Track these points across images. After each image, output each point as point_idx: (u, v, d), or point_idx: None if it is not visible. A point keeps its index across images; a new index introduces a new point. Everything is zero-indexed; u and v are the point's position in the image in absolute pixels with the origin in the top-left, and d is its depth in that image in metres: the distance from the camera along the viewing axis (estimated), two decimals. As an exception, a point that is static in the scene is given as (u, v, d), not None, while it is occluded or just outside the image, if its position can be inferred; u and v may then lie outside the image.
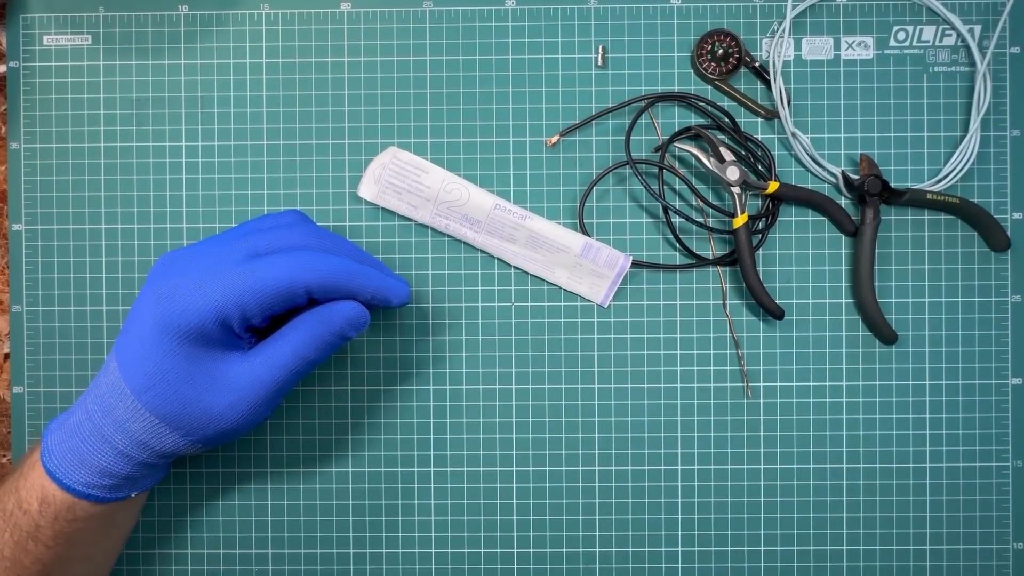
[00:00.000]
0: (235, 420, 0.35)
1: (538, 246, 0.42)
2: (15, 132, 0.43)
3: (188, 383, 0.33)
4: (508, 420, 0.43)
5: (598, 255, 0.42)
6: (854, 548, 0.42)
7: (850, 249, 0.42)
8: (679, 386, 0.43)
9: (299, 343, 0.35)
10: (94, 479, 0.34)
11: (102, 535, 0.36)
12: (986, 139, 0.42)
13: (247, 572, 0.43)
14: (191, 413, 0.34)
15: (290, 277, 0.33)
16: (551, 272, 0.42)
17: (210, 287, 0.33)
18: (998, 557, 0.42)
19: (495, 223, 0.41)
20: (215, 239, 0.36)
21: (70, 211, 0.43)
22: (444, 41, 0.43)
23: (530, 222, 0.41)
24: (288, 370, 0.35)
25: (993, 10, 0.42)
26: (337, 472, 0.43)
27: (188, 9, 0.43)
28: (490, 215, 0.41)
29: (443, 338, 0.43)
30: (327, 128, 0.43)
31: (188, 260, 0.34)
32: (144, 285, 0.35)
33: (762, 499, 0.42)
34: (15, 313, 0.43)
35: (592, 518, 0.43)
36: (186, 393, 0.33)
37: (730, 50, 0.42)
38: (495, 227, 0.41)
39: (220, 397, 0.34)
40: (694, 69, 0.42)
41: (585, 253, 0.41)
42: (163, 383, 0.33)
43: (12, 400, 0.43)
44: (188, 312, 0.33)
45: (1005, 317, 0.42)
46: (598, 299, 0.42)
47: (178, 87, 0.43)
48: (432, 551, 0.43)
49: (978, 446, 0.42)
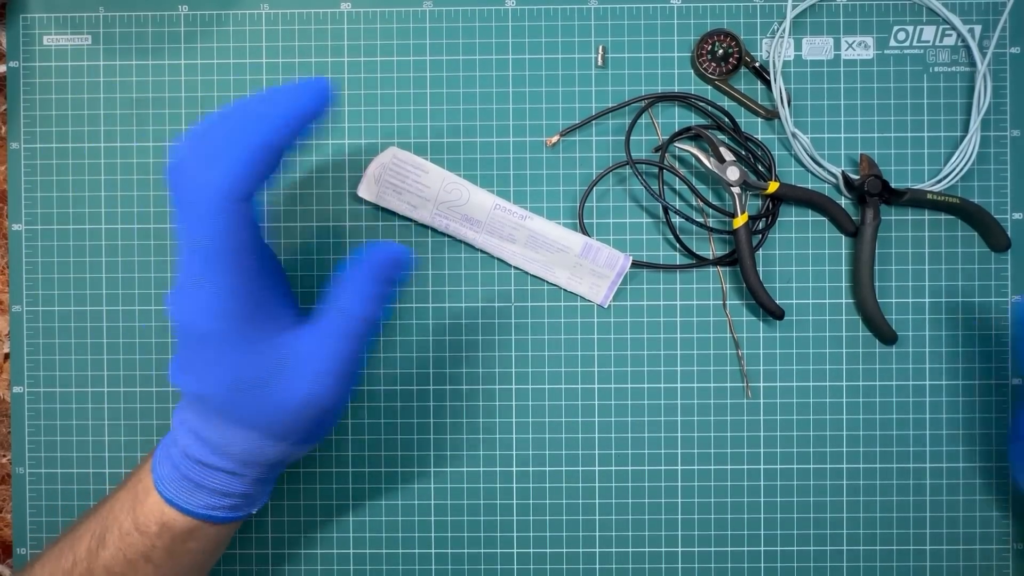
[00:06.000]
0: (319, 406, 0.32)
1: (538, 246, 0.42)
2: (15, 132, 0.43)
3: (261, 387, 0.32)
4: (508, 420, 0.43)
5: (598, 255, 0.42)
6: (854, 548, 0.42)
7: (850, 249, 0.42)
8: (679, 386, 0.43)
9: (352, 312, 0.32)
10: (214, 500, 0.33)
11: (212, 554, 0.36)
12: (986, 139, 0.42)
13: (247, 572, 0.43)
14: (272, 414, 0.32)
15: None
16: (551, 272, 0.42)
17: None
18: (998, 557, 0.42)
19: (495, 223, 0.41)
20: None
21: (70, 211, 0.43)
22: (444, 41, 0.43)
23: (530, 222, 0.41)
24: (349, 337, 0.32)
25: (993, 10, 0.42)
26: (337, 472, 0.43)
27: (188, 9, 0.43)
28: (490, 215, 0.41)
29: (443, 338, 0.43)
30: (327, 128, 0.43)
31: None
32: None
33: (762, 499, 0.42)
34: (15, 313, 0.43)
35: (592, 518, 0.43)
36: (261, 397, 0.32)
37: (730, 50, 0.42)
38: (495, 227, 0.41)
39: (299, 389, 0.32)
40: (694, 69, 0.42)
41: (585, 253, 0.41)
42: (239, 395, 0.31)
43: (12, 400, 0.43)
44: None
45: (1005, 317, 0.42)
46: (598, 299, 0.42)
47: (178, 87, 0.43)
48: (432, 551, 0.43)
49: (978, 446, 0.42)
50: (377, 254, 0.32)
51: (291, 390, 0.32)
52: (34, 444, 0.43)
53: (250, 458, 0.33)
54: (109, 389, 0.43)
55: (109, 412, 0.43)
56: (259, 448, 0.33)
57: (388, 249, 0.33)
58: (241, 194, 0.30)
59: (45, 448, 0.43)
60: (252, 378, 0.31)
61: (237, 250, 0.31)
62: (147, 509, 0.33)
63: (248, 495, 0.34)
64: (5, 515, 0.44)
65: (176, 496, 0.33)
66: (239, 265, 0.31)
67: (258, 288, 0.32)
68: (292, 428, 0.33)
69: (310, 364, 0.32)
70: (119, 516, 0.33)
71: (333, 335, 0.32)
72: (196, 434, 0.33)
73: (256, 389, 0.32)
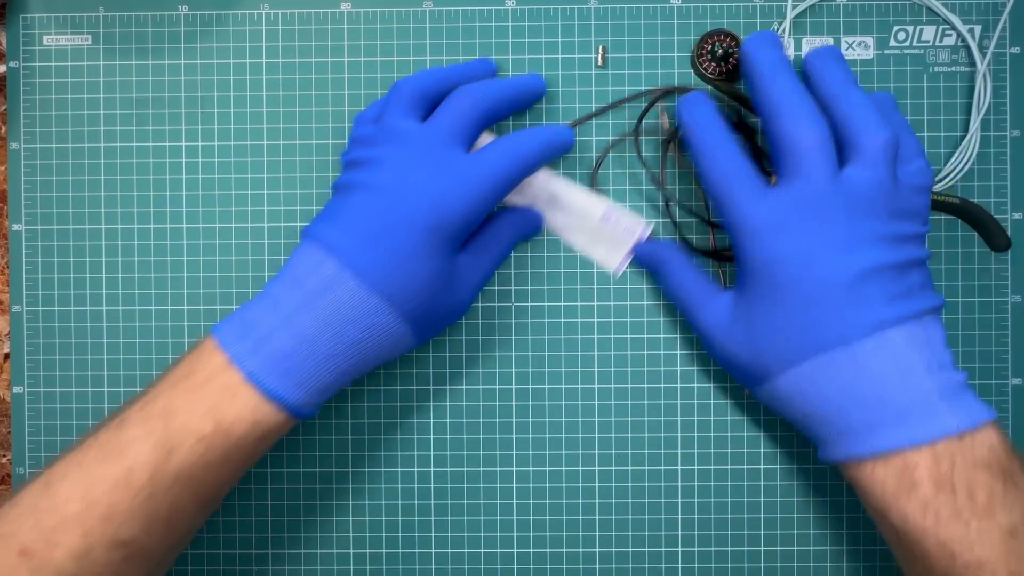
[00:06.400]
0: (463, 312, 0.38)
1: (559, 208, 0.42)
2: (15, 132, 0.43)
3: (444, 290, 0.35)
4: (508, 420, 0.43)
5: (618, 222, 0.41)
6: (854, 548, 0.42)
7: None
8: (679, 386, 0.43)
9: (503, 243, 0.39)
10: (312, 399, 0.34)
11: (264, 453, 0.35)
12: (986, 139, 0.42)
13: (247, 572, 0.43)
14: (433, 317, 0.36)
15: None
16: (568, 235, 0.42)
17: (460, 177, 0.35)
18: (998, 557, 0.42)
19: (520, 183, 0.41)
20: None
21: (70, 211, 0.43)
22: (444, 41, 0.43)
23: (554, 184, 0.41)
24: (497, 264, 0.39)
25: (993, 10, 0.42)
26: (337, 472, 0.43)
27: (188, 9, 0.43)
28: None
29: (443, 338, 0.43)
30: (327, 128, 0.43)
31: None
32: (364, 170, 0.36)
33: (762, 499, 0.42)
34: (15, 313, 0.43)
35: (592, 518, 0.43)
36: (440, 299, 0.35)
37: (730, 50, 0.42)
38: (519, 187, 0.41)
39: (460, 295, 0.37)
40: (694, 69, 0.42)
41: (606, 218, 0.41)
42: (426, 293, 0.34)
43: (12, 400, 0.43)
44: (449, 209, 0.34)
45: (1005, 317, 0.42)
46: (613, 266, 0.42)
47: (178, 87, 0.43)
48: (432, 551, 0.43)
49: (978, 446, 0.42)
50: (526, 212, 0.41)
51: (454, 302, 0.37)
52: (34, 444, 0.43)
53: (381, 355, 0.35)
54: (109, 389, 0.43)
55: (109, 412, 0.43)
56: (391, 349, 0.35)
57: (532, 213, 0.41)
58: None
59: (45, 448, 0.43)
60: (438, 290, 0.35)
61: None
62: (237, 409, 0.32)
63: (324, 398, 0.35)
64: (5, 515, 0.44)
65: (276, 389, 0.32)
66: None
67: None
68: (426, 338, 0.37)
69: (476, 281, 0.38)
70: (192, 422, 0.32)
71: (489, 259, 0.39)
72: (333, 318, 0.33)
73: (436, 298, 0.35)
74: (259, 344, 0.33)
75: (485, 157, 0.35)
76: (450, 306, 0.37)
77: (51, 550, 0.29)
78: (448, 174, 0.34)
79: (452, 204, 0.34)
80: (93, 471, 0.31)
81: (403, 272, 0.34)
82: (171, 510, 0.31)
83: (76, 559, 0.29)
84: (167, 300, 0.43)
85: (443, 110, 0.36)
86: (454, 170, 0.35)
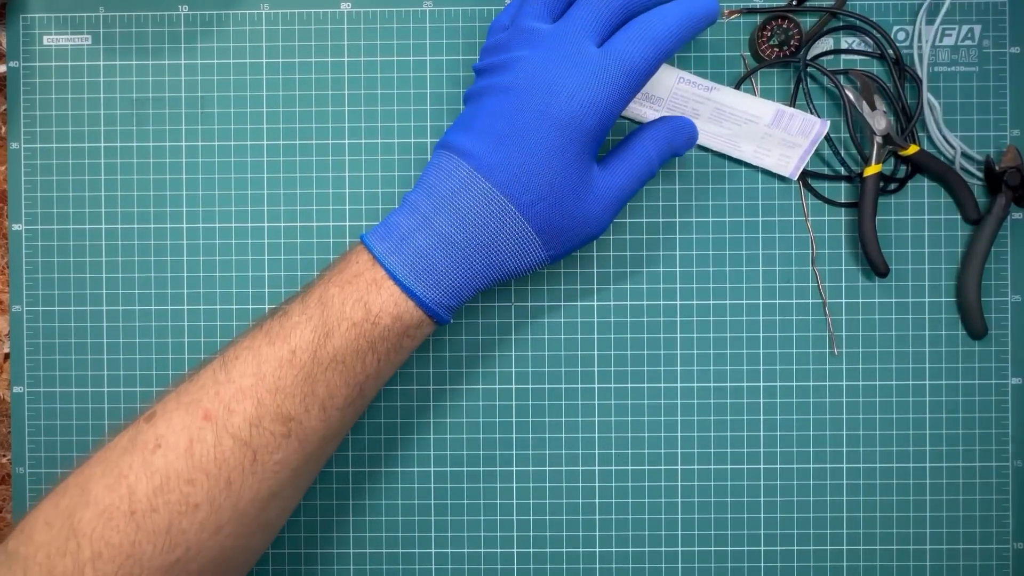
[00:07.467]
0: (598, 231, 0.37)
1: (723, 119, 0.40)
2: (15, 132, 0.43)
3: (572, 195, 0.35)
4: (508, 420, 0.43)
5: (791, 122, 0.40)
6: (854, 548, 0.42)
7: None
8: (679, 386, 0.43)
9: (647, 155, 0.37)
10: (446, 300, 0.35)
11: (403, 361, 0.37)
12: (986, 138, 0.42)
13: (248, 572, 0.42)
14: (567, 227, 0.35)
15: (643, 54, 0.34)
16: (735, 147, 0.41)
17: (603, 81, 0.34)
18: (998, 557, 0.42)
19: (678, 98, 0.40)
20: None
21: (70, 211, 0.43)
22: (444, 41, 0.43)
23: (716, 94, 0.40)
24: (639, 180, 0.37)
25: (993, 10, 0.42)
26: (337, 472, 0.43)
27: (188, 9, 0.43)
28: (672, 90, 0.40)
29: (443, 338, 0.43)
30: (327, 128, 0.43)
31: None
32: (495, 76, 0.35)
33: (762, 499, 0.42)
34: (15, 313, 0.43)
35: (592, 518, 0.43)
36: (569, 206, 0.35)
37: (790, 32, 0.41)
38: (678, 102, 0.40)
39: (592, 207, 0.36)
40: (752, 52, 0.42)
41: (776, 121, 0.40)
42: (552, 197, 0.34)
43: (12, 400, 0.43)
44: (579, 103, 0.33)
45: (1005, 317, 0.42)
46: (787, 171, 0.41)
47: (178, 87, 0.43)
48: (432, 551, 0.43)
49: (978, 446, 0.42)
50: (675, 121, 0.38)
51: (591, 215, 0.36)
52: (34, 444, 0.43)
53: (509, 263, 0.35)
54: (109, 389, 0.43)
55: (109, 412, 0.43)
56: (522, 257, 0.35)
57: (691, 128, 0.38)
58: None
59: (45, 448, 0.43)
60: (571, 197, 0.35)
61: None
62: (382, 300, 0.34)
63: (459, 303, 0.36)
64: (5, 515, 0.44)
65: (416, 287, 0.34)
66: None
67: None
68: (563, 251, 0.37)
69: (616, 198, 0.37)
70: (345, 310, 0.34)
71: (635, 179, 0.37)
72: (468, 219, 0.34)
73: (570, 206, 0.35)
74: (400, 243, 0.35)
75: (616, 47, 0.34)
76: (581, 217, 0.36)
77: (230, 416, 0.33)
78: (579, 68, 0.34)
79: (583, 98, 0.34)
80: (263, 352, 0.34)
81: (528, 170, 0.34)
82: (326, 392, 0.34)
83: (250, 425, 0.33)
84: (167, 300, 0.43)
85: (576, 8, 0.35)
86: (585, 62, 0.34)
